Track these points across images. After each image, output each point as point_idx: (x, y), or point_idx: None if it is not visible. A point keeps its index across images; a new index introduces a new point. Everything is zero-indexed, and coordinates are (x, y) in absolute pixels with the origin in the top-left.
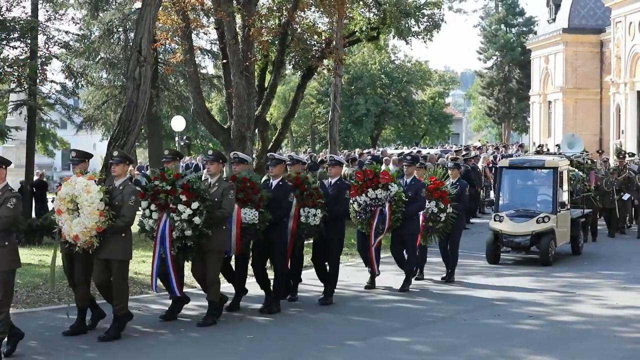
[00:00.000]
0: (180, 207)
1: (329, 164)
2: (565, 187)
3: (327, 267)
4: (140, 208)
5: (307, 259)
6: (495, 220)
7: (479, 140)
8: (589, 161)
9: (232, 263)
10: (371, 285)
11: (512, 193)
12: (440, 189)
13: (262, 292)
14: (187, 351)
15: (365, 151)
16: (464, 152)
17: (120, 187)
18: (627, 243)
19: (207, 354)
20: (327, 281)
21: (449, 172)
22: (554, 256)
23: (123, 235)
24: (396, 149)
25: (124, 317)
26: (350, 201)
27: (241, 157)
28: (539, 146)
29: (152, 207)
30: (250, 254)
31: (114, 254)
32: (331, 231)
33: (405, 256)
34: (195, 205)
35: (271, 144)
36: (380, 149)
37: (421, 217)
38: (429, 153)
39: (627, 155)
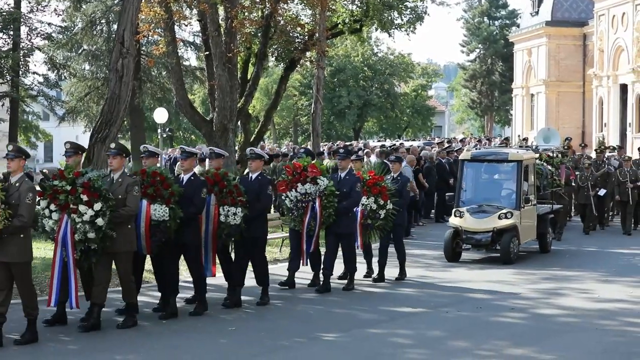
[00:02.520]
0: (82, 207)
1: (249, 157)
2: (532, 181)
3: (254, 268)
4: (38, 207)
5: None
6: (455, 215)
7: (463, 133)
8: (559, 155)
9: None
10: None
11: (474, 187)
12: (380, 184)
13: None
14: (168, 343)
15: (337, 144)
16: (446, 145)
17: (17, 184)
18: (608, 238)
19: (188, 346)
20: (260, 282)
21: (390, 166)
22: (517, 254)
23: (22, 235)
24: (379, 141)
25: (34, 322)
26: (282, 197)
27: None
28: (524, 139)
29: (52, 206)
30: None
31: (12, 256)
32: (253, 230)
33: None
34: (97, 206)
35: (254, 136)
36: (363, 142)
37: (359, 214)
38: (411, 145)
39: (607, 150)
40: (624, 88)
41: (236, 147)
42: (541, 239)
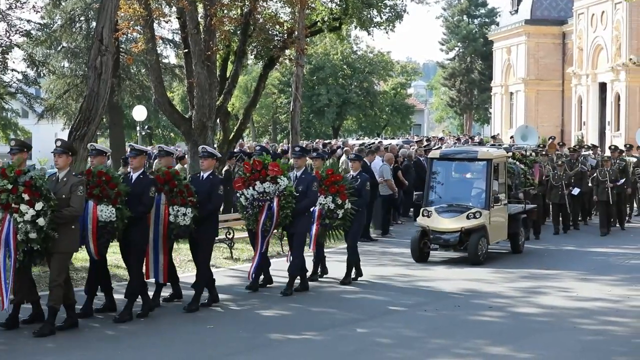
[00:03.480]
0: (23, 207)
1: (200, 155)
2: (502, 180)
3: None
4: None
5: (276, 249)
6: (423, 215)
7: (442, 131)
8: (533, 154)
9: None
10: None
11: (442, 186)
12: (338, 183)
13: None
14: (146, 342)
15: (316, 142)
16: (425, 144)
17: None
18: (586, 236)
19: (166, 344)
20: (195, 286)
21: (350, 164)
22: (485, 255)
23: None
24: (358, 139)
25: None
26: (237, 194)
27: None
28: (493, 137)
29: None
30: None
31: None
32: (202, 230)
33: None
34: (39, 205)
35: (233, 134)
36: (342, 140)
37: (317, 214)
38: (390, 144)
39: (582, 149)
40: (603, 87)
41: (215, 145)
42: (513, 239)
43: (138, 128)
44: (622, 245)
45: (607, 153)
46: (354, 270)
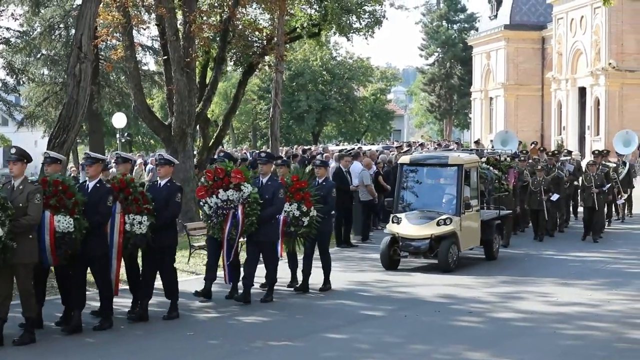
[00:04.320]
0: None
1: (157, 162)
2: (474, 186)
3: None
4: None
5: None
6: (392, 222)
7: (422, 137)
8: (508, 159)
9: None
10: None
11: (412, 192)
12: (303, 190)
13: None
14: (126, 349)
15: (296, 148)
16: (405, 149)
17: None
18: (567, 241)
19: (146, 351)
20: (169, 294)
21: (316, 171)
22: (456, 262)
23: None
24: (337, 145)
25: None
26: (201, 203)
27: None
28: (475, 142)
29: None
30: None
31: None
32: (161, 239)
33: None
34: None
35: (212, 140)
36: (322, 146)
37: (281, 221)
38: (369, 149)
39: (560, 153)
40: (582, 91)
41: (195, 152)
42: (487, 246)
43: (118, 135)
44: (602, 249)
45: (588, 158)
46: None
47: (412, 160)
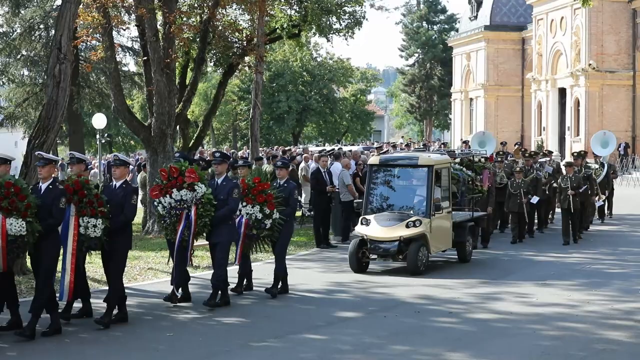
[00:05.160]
0: None
1: (112, 163)
2: (446, 187)
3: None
4: None
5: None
6: (361, 223)
7: (402, 137)
8: (482, 159)
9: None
10: (170, 298)
11: (382, 194)
12: (265, 192)
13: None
14: (107, 349)
15: (276, 148)
16: (385, 149)
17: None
18: (547, 242)
19: (126, 352)
20: (107, 299)
21: (277, 172)
22: (425, 264)
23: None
24: (317, 146)
25: None
26: (155, 203)
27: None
28: (443, 143)
29: None
30: None
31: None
32: (115, 243)
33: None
34: None
35: (192, 141)
36: (302, 146)
37: (243, 224)
38: (350, 150)
39: (538, 155)
40: (562, 92)
41: (175, 153)
42: (459, 248)
43: (98, 136)
44: (581, 250)
45: (567, 159)
46: (280, 282)
47: (381, 160)
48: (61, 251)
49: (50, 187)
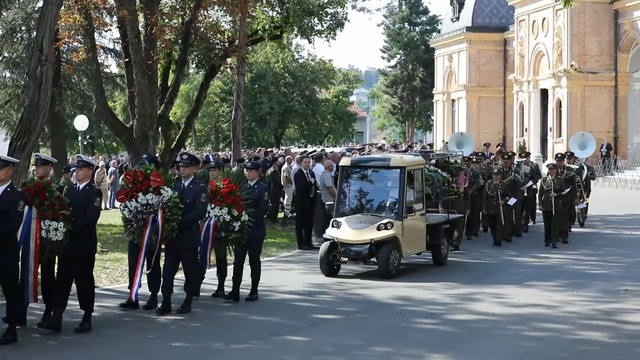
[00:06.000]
0: None
1: (75, 165)
2: (419, 189)
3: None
4: None
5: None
6: (332, 226)
7: (384, 138)
8: (458, 161)
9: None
10: (129, 304)
11: (354, 196)
12: (234, 194)
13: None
14: (88, 352)
15: (258, 150)
16: (367, 150)
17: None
18: (528, 243)
19: (108, 354)
20: (83, 305)
21: (246, 173)
22: (397, 268)
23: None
24: (299, 147)
25: None
26: (121, 207)
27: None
28: (429, 144)
29: None
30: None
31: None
32: (78, 246)
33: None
34: None
35: (174, 143)
36: (284, 148)
37: (211, 227)
38: (332, 152)
39: (516, 155)
40: (544, 93)
41: (157, 155)
42: (434, 251)
43: (80, 138)
44: (563, 251)
45: (550, 160)
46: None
47: (353, 162)
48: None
49: (8, 190)
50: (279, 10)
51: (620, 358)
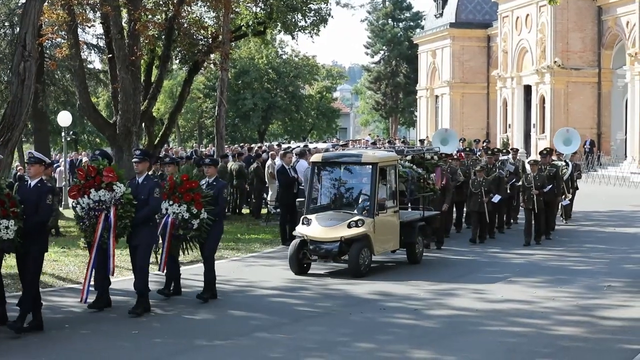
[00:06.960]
0: None
1: (27, 161)
2: (393, 185)
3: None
4: None
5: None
6: (302, 223)
7: (369, 134)
8: (435, 157)
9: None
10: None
11: (324, 192)
12: (194, 191)
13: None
14: (71, 347)
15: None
16: (352, 146)
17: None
18: (511, 240)
19: (90, 349)
20: (20, 304)
21: (205, 170)
22: (368, 266)
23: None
24: (282, 143)
25: None
26: (73, 204)
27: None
28: (420, 140)
29: None
30: None
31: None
32: (29, 245)
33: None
34: None
35: (158, 139)
36: (268, 144)
37: (169, 225)
38: (315, 147)
39: (500, 153)
40: (527, 89)
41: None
42: (409, 249)
43: (63, 134)
44: (547, 247)
45: (533, 157)
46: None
47: (324, 158)
48: None
49: None
50: (263, 6)
51: (602, 354)
